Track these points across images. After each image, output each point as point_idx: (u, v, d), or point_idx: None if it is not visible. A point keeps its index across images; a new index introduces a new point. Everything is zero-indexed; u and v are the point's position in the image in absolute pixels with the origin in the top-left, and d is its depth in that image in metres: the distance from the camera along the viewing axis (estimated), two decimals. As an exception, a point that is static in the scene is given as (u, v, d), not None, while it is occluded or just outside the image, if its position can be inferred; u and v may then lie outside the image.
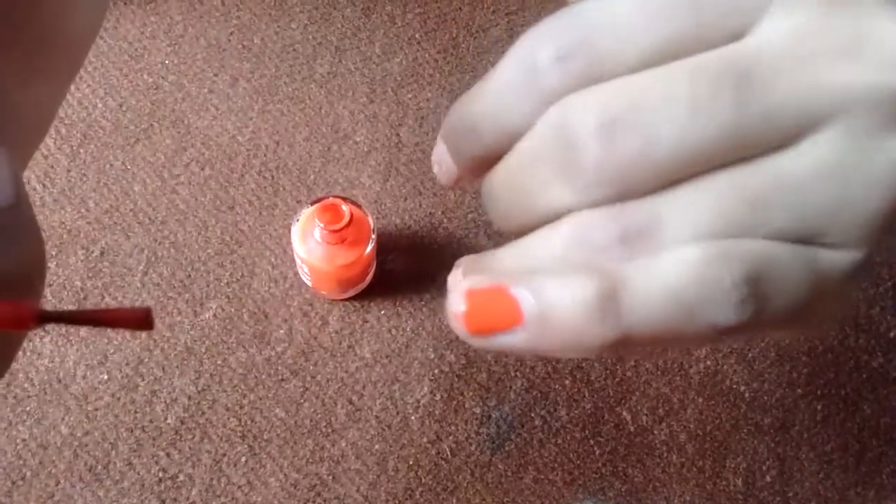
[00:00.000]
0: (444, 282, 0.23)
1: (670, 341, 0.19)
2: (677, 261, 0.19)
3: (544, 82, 0.21)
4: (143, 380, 0.45)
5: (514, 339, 0.20)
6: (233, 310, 0.47)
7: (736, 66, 0.19)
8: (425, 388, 0.46)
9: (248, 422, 0.45)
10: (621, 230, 0.19)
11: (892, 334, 0.49)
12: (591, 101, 0.19)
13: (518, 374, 0.46)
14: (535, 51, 0.21)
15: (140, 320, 0.19)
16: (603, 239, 0.19)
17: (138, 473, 0.43)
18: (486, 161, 0.23)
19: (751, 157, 0.20)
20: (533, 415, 0.46)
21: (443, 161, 0.24)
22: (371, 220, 0.45)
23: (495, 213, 0.23)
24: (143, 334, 0.46)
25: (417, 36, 0.55)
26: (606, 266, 0.19)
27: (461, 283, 0.21)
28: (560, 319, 0.19)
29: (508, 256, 0.22)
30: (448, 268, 0.22)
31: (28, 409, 0.44)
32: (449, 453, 0.45)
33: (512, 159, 0.22)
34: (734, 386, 0.47)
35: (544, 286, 0.19)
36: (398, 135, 0.52)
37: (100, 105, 0.52)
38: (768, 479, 0.45)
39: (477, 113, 0.22)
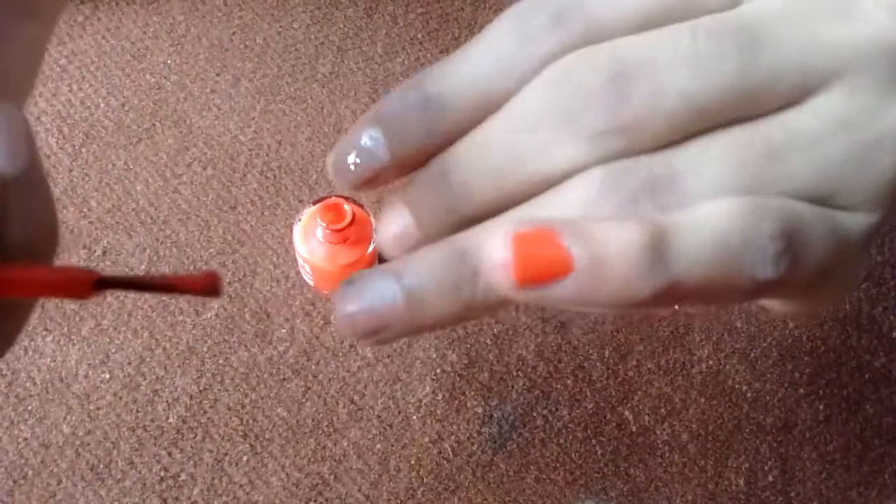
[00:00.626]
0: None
1: (709, 294, 0.19)
2: (716, 212, 0.19)
3: (541, 47, 0.20)
4: (144, 379, 0.45)
5: (562, 291, 0.19)
6: (235, 309, 0.47)
7: (738, 26, 0.19)
8: (427, 388, 0.46)
9: (250, 421, 0.45)
10: (643, 180, 0.19)
11: (894, 334, 0.49)
12: (599, 56, 0.19)
13: (520, 373, 0.46)
14: (530, 17, 0.21)
15: (204, 286, 0.17)
16: (626, 190, 0.19)
17: (140, 472, 0.43)
18: (435, 145, 0.22)
19: (760, 115, 0.20)
20: (535, 414, 0.46)
21: (367, 153, 0.23)
22: (373, 220, 0.45)
23: (464, 182, 0.21)
24: (146, 333, 0.46)
25: (420, 36, 0.55)
26: (648, 216, 0.19)
27: (500, 227, 0.19)
28: (612, 267, 0.18)
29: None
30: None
31: (30, 408, 0.44)
32: (451, 453, 0.45)
33: (500, 123, 0.21)
34: (736, 386, 0.47)
35: (593, 233, 0.18)
36: (400, 134, 0.52)
37: (102, 105, 0.52)
38: (770, 478, 0.45)
39: (456, 84, 0.22)
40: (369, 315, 0.21)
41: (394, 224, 0.25)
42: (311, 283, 0.47)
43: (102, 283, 0.16)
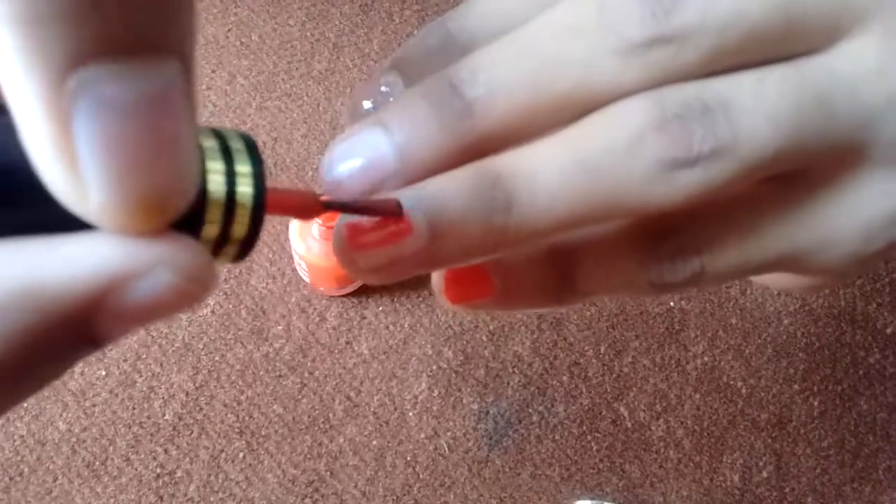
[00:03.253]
0: (432, 282, 0.22)
1: None
2: None
3: None
4: (140, 376, 0.45)
5: (485, 304, 0.20)
6: (231, 306, 0.47)
7: None
8: (423, 384, 0.46)
9: (246, 418, 0.45)
10: (696, 110, 0.18)
11: (888, 330, 0.49)
12: None
13: (515, 370, 0.47)
14: None
15: (394, 213, 0.18)
16: (676, 120, 0.18)
17: (136, 469, 0.43)
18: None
19: (801, 53, 0.19)
20: (530, 410, 0.46)
21: (386, 99, 0.20)
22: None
23: (482, 96, 0.18)
24: (141, 330, 0.46)
25: (415, 32, 0.55)
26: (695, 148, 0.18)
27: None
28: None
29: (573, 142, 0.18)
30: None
31: (26, 404, 0.44)
32: (446, 449, 0.45)
33: (535, 31, 0.19)
34: (731, 382, 0.47)
35: (512, 272, 0.20)
36: (396, 131, 0.52)
37: (97, 102, 0.52)
38: (765, 474, 0.46)
39: (482, 13, 0.20)
40: (384, 252, 0.18)
41: (361, 146, 0.19)
42: (307, 279, 0.47)
43: (327, 206, 0.18)
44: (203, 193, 0.15)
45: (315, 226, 0.43)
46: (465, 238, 0.18)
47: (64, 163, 0.12)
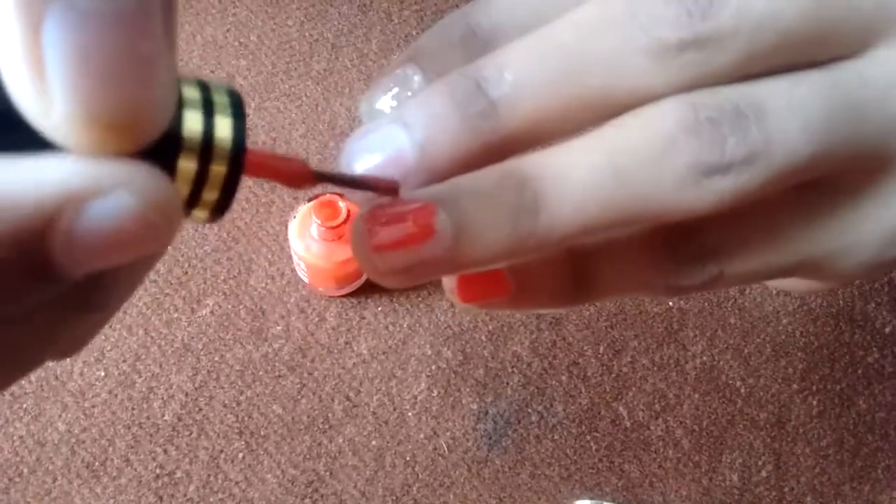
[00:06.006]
0: (441, 278, 0.22)
1: None
2: None
3: None
4: (140, 376, 0.45)
5: (498, 303, 0.21)
6: (230, 306, 0.47)
7: None
8: (422, 385, 0.46)
9: (246, 418, 0.45)
10: (728, 114, 0.17)
11: (887, 330, 0.49)
12: None
13: (515, 369, 0.47)
14: None
15: (391, 191, 0.18)
16: (708, 124, 0.17)
17: (135, 470, 0.43)
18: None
19: (834, 58, 0.19)
20: (529, 410, 0.46)
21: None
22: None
23: (507, 94, 0.18)
24: (141, 331, 0.46)
25: (414, 33, 0.55)
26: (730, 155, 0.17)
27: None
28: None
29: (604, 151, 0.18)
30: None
31: (25, 405, 0.44)
32: (446, 449, 0.45)
33: (562, 27, 0.18)
34: (730, 381, 0.47)
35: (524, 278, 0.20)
36: (395, 132, 0.52)
37: (96, 102, 0.52)
38: (764, 474, 0.46)
39: (506, 6, 0.20)
40: (405, 255, 0.17)
41: (379, 142, 0.18)
42: (306, 280, 0.47)
43: (319, 177, 0.17)
44: (178, 140, 0.14)
45: (314, 226, 0.43)
46: (490, 241, 0.17)
47: (30, 70, 0.12)
